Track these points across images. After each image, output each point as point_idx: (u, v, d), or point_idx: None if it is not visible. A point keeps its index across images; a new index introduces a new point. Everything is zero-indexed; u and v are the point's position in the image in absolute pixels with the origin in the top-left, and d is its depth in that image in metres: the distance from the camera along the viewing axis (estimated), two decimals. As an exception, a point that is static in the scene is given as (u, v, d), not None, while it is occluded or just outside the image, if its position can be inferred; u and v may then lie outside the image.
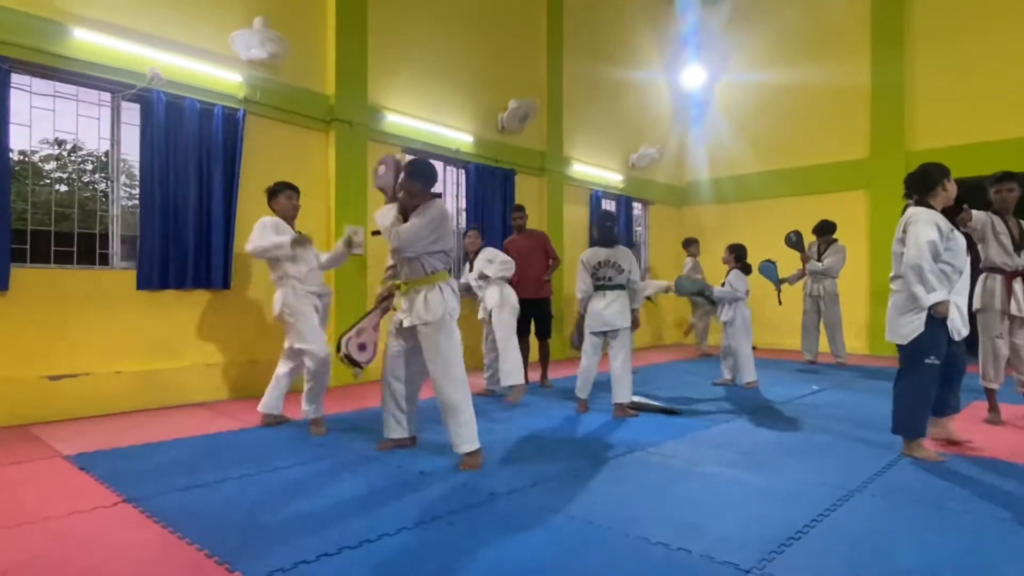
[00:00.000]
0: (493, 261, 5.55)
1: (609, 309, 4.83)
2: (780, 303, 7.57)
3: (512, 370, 5.33)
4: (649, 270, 6.91)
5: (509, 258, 5.61)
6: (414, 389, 3.73)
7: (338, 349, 3.79)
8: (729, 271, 6.20)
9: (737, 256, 6.22)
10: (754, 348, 6.11)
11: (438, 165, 7.52)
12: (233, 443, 3.98)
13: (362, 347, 3.77)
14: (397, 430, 3.74)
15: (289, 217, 4.45)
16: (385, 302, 3.81)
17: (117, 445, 3.89)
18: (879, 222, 9.16)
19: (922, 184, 3.60)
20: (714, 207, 11.14)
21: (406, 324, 3.48)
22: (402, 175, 3.48)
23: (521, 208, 6.24)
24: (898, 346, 3.57)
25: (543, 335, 6.11)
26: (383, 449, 3.73)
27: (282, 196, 4.42)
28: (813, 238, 8.01)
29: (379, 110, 6.81)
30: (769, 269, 7.12)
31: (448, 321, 3.39)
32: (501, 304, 5.56)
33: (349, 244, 4.48)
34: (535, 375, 6.55)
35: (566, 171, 9.16)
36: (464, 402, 3.40)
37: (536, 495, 2.98)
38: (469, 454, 3.39)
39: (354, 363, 3.75)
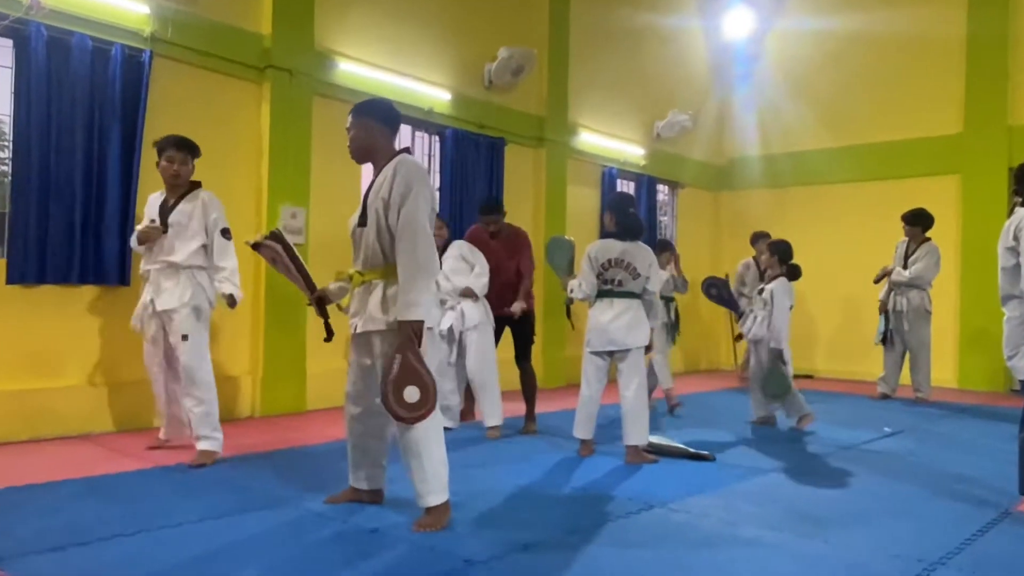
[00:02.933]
0: (471, 263, 5.52)
1: (617, 323, 4.85)
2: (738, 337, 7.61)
3: (496, 409, 5.55)
4: None
5: (485, 261, 5.60)
6: (381, 423, 3.69)
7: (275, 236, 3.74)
8: (770, 278, 6.18)
9: (781, 257, 6.15)
10: (809, 376, 6.11)
11: (405, 130, 7.53)
12: (126, 488, 3.94)
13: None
14: (359, 477, 3.73)
15: (168, 186, 4.66)
16: (322, 300, 3.71)
17: (-28, 489, 3.85)
18: (974, 217, 9.27)
19: None
20: (763, 192, 11.21)
21: (359, 330, 3.47)
22: (348, 119, 3.55)
23: (496, 208, 5.86)
24: (1022, 383, 3.64)
25: (522, 357, 5.94)
26: (334, 503, 3.72)
27: (162, 159, 4.61)
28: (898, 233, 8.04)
29: (329, 56, 6.79)
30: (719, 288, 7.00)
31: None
32: (483, 323, 5.56)
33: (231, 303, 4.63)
34: (516, 406, 6.48)
35: (571, 142, 9.18)
36: (433, 438, 3.39)
37: (524, 564, 2.97)
38: (432, 509, 3.38)
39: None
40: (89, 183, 5.37)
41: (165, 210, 4.61)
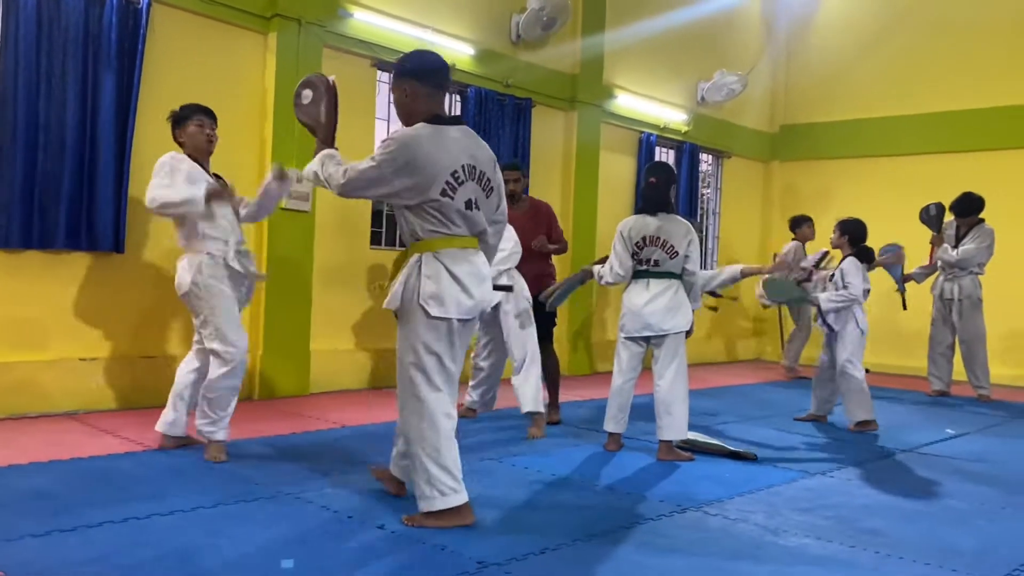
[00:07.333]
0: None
1: (652, 305, 4.82)
2: (905, 307, 7.54)
3: (534, 394, 5.37)
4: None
5: (515, 236, 5.53)
6: None
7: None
8: (841, 259, 6.15)
9: (852, 238, 6.16)
10: (866, 371, 6.09)
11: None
12: (116, 472, 4.00)
13: None
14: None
15: (203, 154, 4.55)
16: None
17: (-49, 469, 3.91)
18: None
19: None
20: (819, 164, 11.07)
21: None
22: (393, 76, 3.52)
23: (516, 167, 5.90)
24: None
25: (542, 338, 5.83)
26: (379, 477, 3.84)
27: (191, 124, 4.49)
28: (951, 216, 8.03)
29: (341, 4, 6.77)
30: (894, 256, 7.09)
31: (415, 312, 3.34)
32: (516, 296, 5.44)
33: (281, 176, 4.53)
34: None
35: (606, 105, 9.11)
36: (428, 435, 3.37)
37: (542, 568, 2.98)
38: (428, 514, 3.36)
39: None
40: (81, 140, 5.40)
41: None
